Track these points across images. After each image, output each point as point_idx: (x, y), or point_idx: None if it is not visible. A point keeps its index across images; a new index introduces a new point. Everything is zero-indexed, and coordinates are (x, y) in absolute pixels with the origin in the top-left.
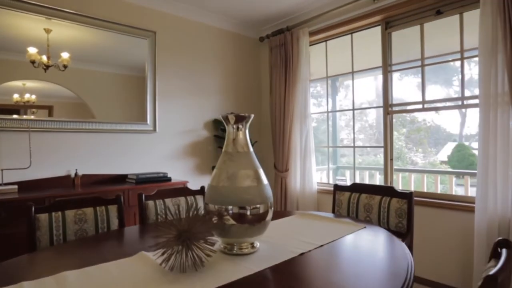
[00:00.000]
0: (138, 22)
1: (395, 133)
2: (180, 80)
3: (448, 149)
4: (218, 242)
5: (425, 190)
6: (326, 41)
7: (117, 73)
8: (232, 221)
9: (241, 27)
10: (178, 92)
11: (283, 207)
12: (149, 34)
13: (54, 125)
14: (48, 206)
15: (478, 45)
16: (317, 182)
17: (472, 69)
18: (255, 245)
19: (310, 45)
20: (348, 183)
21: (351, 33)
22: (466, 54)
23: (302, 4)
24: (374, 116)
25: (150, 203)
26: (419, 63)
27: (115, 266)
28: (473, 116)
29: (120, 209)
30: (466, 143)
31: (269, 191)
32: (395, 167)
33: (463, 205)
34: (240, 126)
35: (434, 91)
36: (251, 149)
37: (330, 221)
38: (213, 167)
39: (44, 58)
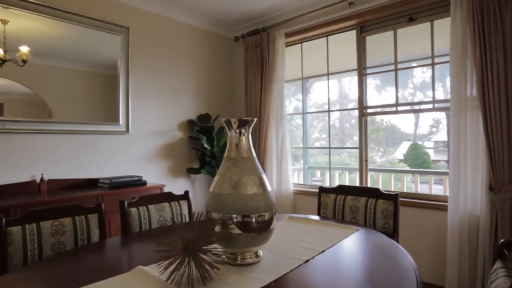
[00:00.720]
0: (110, 16)
1: (357, 133)
2: (154, 79)
3: (403, 148)
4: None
5: (392, 189)
6: (301, 42)
7: (86, 70)
8: (237, 230)
9: (216, 26)
10: (152, 91)
11: None
12: (122, 30)
13: (9, 125)
14: (21, 218)
15: (449, 51)
16: (293, 183)
17: (425, 73)
18: (259, 254)
19: (285, 46)
20: (323, 183)
21: (327, 36)
22: (436, 60)
23: (278, 5)
24: (337, 116)
25: (133, 210)
26: (392, 67)
27: (110, 285)
28: (425, 117)
29: (102, 218)
30: (420, 143)
31: (273, 198)
32: (356, 166)
33: (437, 204)
34: (243, 131)
35: (390, 94)
36: (254, 154)
37: (323, 225)
38: (188, 169)
39: (0, 51)
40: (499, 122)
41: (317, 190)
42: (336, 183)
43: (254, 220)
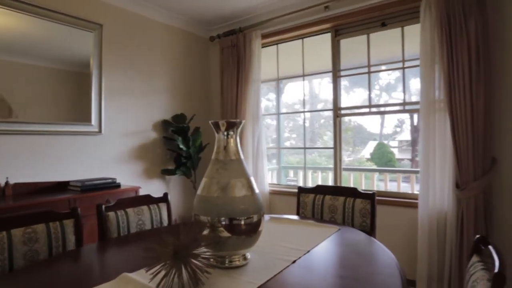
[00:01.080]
0: (82, 13)
1: (328, 133)
2: (128, 78)
3: (370, 147)
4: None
5: (363, 187)
6: (277, 44)
7: (56, 68)
8: (227, 233)
9: (191, 25)
10: (126, 90)
11: None
12: (95, 27)
13: None
14: None
15: (419, 56)
16: (269, 184)
17: (391, 75)
18: (247, 256)
19: (261, 47)
20: (297, 183)
21: (302, 38)
22: (406, 64)
23: (255, 6)
24: (307, 116)
25: (111, 214)
26: (365, 69)
27: None
28: (390, 118)
29: (78, 223)
30: (385, 142)
31: (260, 199)
32: (330, 166)
33: (408, 202)
34: (231, 133)
35: (358, 95)
36: (242, 156)
37: (305, 225)
38: (163, 170)
39: None
40: (464, 123)
41: (292, 190)
42: (310, 183)
43: (243, 222)
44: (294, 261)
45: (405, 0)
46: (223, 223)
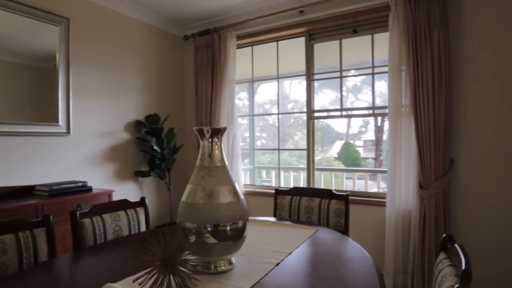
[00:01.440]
0: (46, 4)
1: (298, 133)
2: (98, 76)
3: (337, 146)
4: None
5: (333, 186)
6: (252, 45)
7: (18, 62)
8: (213, 240)
9: (165, 23)
10: (96, 89)
11: None
12: (61, 21)
13: None
14: None
15: (388, 63)
16: (244, 184)
17: (357, 77)
18: (232, 261)
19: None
20: (272, 184)
21: (277, 41)
22: (376, 70)
23: (231, 7)
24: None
25: (86, 221)
26: (338, 74)
27: None
28: (356, 119)
29: (50, 232)
30: (351, 141)
31: (245, 205)
32: (301, 165)
33: (377, 201)
34: (216, 139)
35: (326, 96)
36: (227, 162)
37: (285, 227)
38: (137, 172)
39: None
40: (427, 127)
41: (267, 191)
42: (282, 182)
43: (228, 228)
44: (277, 264)
45: (375, 9)
46: (210, 229)
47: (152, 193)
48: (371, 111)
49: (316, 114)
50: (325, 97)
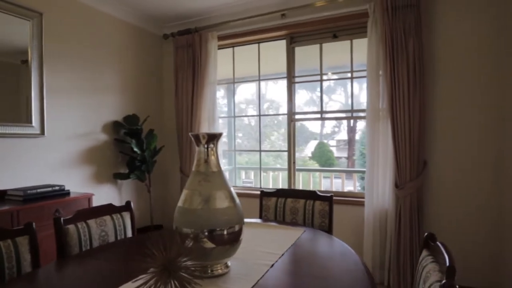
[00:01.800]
0: None
1: (274, 133)
2: (75, 74)
3: (311, 146)
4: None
5: (311, 186)
6: (233, 46)
7: None
8: (211, 244)
9: (144, 21)
10: (72, 88)
11: None
12: (33, 15)
13: None
14: None
15: (366, 67)
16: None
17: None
18: (228, 264)
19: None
20: (254, 184)
21: (258, 43)
22: (355, 74)
23: (212, 8)
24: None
25: (71, 227)
26: (318, 77)
27: None
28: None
29: (33, 240)
30: (325, 141)
31: (241, 209)
32: (278, 166)
33: (356, 200)
34: (212, 145)
35: (301, 96)
36: (222, 167)
37: (273, 228)
38: (116, 175)
39: None
40: (403, 130)
41: (250, 192)
42: (262, 183)
43: (226, 232)
44: (272, 265)
45: (354, 16)
46: (207, 234)
47: (131, 195)
48: (350, 114)
49: (297, 117)
50: (299, 98)
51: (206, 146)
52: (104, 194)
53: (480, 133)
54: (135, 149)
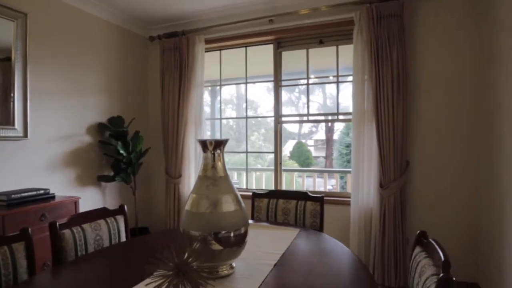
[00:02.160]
0: None
1: (255, 133)
2: (59, 76)
3: (290, 146)
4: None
5: (294, 186)
6: (220, 50)
7: None
8: (219, 246)
9: (130, 22)
10: (57, 90)
11: (176, 214)
12: (18, 16)
13: None
14: None
15: (352, 72)
16: None
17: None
18: (233, 265)
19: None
20: (240, 185)
21: (246, 47)
22: (340, 79)
23: (200, 11)
24: (233, 117)
25: (67, 232)
26: (305, 81)
27: None
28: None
29: (30, 246)
30: (303, 141)
31: (246, 211)
32: (258, 166)
33: (343, 200)
34: (219, 151)
35: (285, 104)
36: (228, 172)
37: (268, 229)
38: (100, 177)
39: None
40: (387, 132)
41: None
42: (246, 184)
43: (232, 234)
44: (274, 265)
45: (340, 23)
46: (215, 237)
47: (116, 198)
48: (335, 117)
49: (284, 119)
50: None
51: (213, 152)
52: (88, 197)
53: (461, 135)
54: (121, 151)
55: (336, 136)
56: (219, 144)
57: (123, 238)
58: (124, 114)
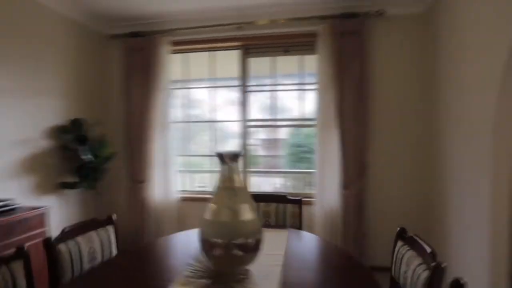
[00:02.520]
0: None
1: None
2: (10, 74)
3: (232, 145)
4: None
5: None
6: (187, 52)
7: None
8: (240, 252)
9: (90, 19)
10: (6, 90)
11: (140, 220)
12: None
13: None
14: None
15: (317, 82)
16: (179, 190)
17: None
18: (249, 269)
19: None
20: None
21: (213, 51)
22: (306, 87)
23: (167, 12)
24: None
25: (63, 247)
26: (270, 87)
27: None
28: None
29: (28, 265)
30: (247, 140)
31: (259, 218)
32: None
33: (308, 200)
34: (235, 163)
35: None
36: (244, 183)
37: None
38: (63, 184)
39: None
40: (348, 137)
41: (203, 196)
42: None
43: (251, 241)
44: (282, 265)
45: (305, 35)
46: (237, 243)
47: (79, 205)
48: (301, 122)
49: (250, 124)
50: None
51: (231, 164)
52: (51, 205)
53: (416, 137)
54: (86, 156)
55: (283, 135)
56: (236, 156)
57: (114, 249)
58: (84, 115)
